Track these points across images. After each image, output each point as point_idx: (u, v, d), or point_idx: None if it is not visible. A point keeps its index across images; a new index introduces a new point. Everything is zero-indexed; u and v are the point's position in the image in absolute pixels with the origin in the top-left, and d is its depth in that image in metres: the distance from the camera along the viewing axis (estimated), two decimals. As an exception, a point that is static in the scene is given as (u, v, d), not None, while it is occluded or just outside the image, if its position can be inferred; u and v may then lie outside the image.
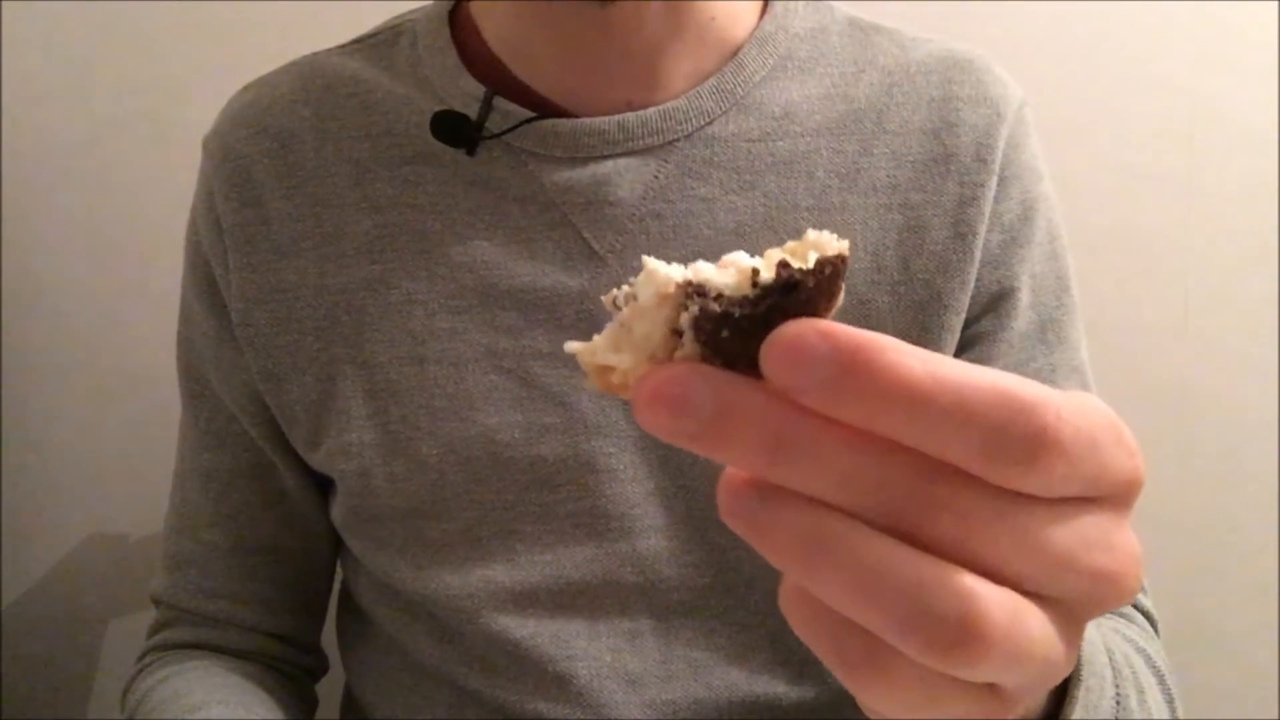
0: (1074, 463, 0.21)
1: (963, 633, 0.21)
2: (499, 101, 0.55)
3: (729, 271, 0.23)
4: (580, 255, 0.55)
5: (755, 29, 0.57)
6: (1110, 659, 0.41)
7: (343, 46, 0.61)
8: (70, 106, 0.94)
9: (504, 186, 0.55)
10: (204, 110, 0.69)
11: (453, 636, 0.57)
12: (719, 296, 0.22)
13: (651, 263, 0.24)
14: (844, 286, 0.23)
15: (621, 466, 0.55)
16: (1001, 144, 0.56)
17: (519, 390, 0.54)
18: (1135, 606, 0.57)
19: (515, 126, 0.54)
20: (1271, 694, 1.00)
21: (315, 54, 0.61)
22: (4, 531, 0.99)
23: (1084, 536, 0.22)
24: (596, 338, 0.25)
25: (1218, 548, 0.99)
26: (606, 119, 0.54)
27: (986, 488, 0.22)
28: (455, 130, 0.55)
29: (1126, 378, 0.93)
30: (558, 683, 0.55)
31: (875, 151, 0.56)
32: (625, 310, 0.24)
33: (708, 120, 0.55)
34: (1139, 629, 0.55)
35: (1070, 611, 0.23)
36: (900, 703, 0.23)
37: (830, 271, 0.22)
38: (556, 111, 0.55)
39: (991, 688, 0.23)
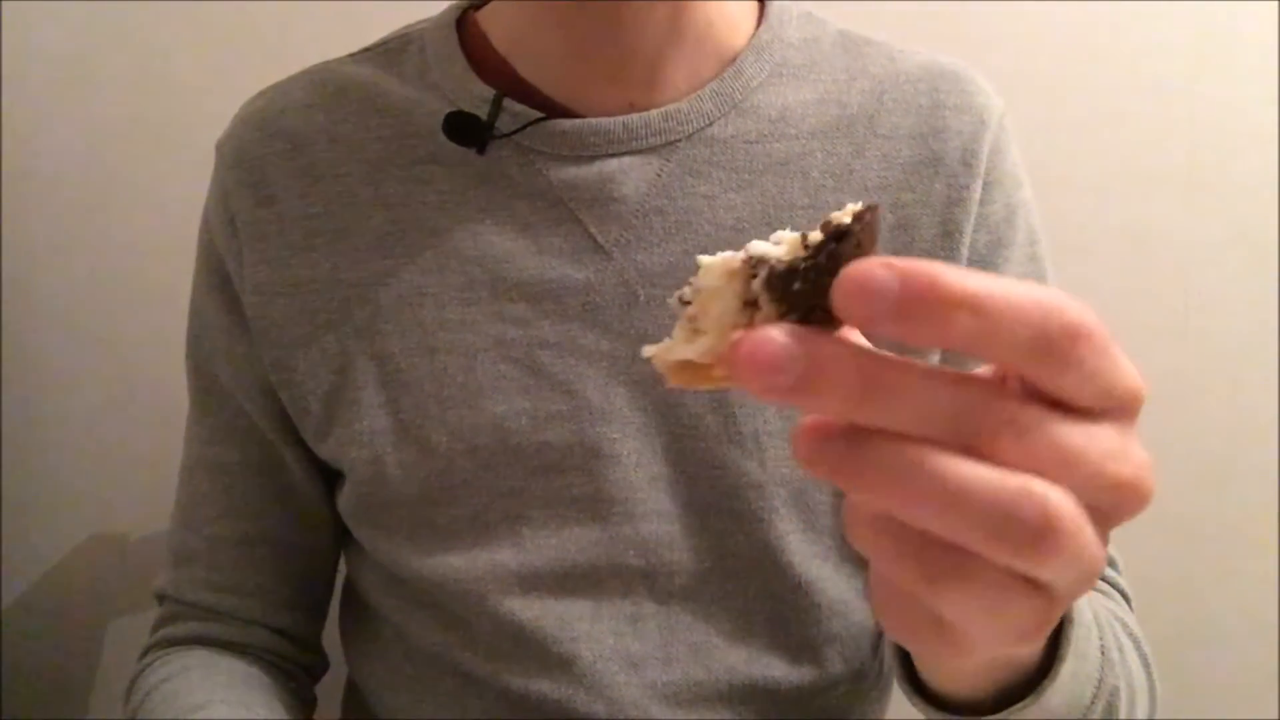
0: (1099, 354, 0.25)
1: (1043, 532, 0.24)
2: (508, 103, 0.57)
3: (781, 244, 0.26)
4: (586, 249, 0.56)
5: (752, 38, 0.59)
6: (1095, 617, 0.45)
7: (352, 55, 0.63)
8: (70, 106, 0.94)
9: (513, 184, 0.57)
10: (204, 110, 0.70)
11: (458, 622, 0.58)
12: (780, 261, 0.25)
13: (706, 259, 0.26)
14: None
15: (626, 452, 0.56)
16: (986, 150, 0.59)
17: (526, 379, 0.56)
18: (1111, 584, 0.59)
19: (524, 126, 0.56)
20: (1271, 694, 1.00)
21: (326, 62, 0.63)
22: (4, 531, 0.99)
23: (1107, 448, 0.25)
24: (666, 340, 0.27)
25: (1218, 548, 0.99)
26: (611, 119, 0.56)
27: (1036, 404, 0.25)
28: (466, 130, 0.57)
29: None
30: (561, 664, 0.57)
31: (867, 154, 0.58)
32: (693, 303, 0.27)
33: (708, 122, 0.57)
34: (1116, 602, 0.57)
35: (1101, 519, 0.26)
36: (979, 606, 0.26)
37: (869, 219, 0.25)
38: (563, 112, 0.57)
39: (1046, 591, 0.26)
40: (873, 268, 0.23)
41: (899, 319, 0.23)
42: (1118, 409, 0.26)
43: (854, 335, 0.27)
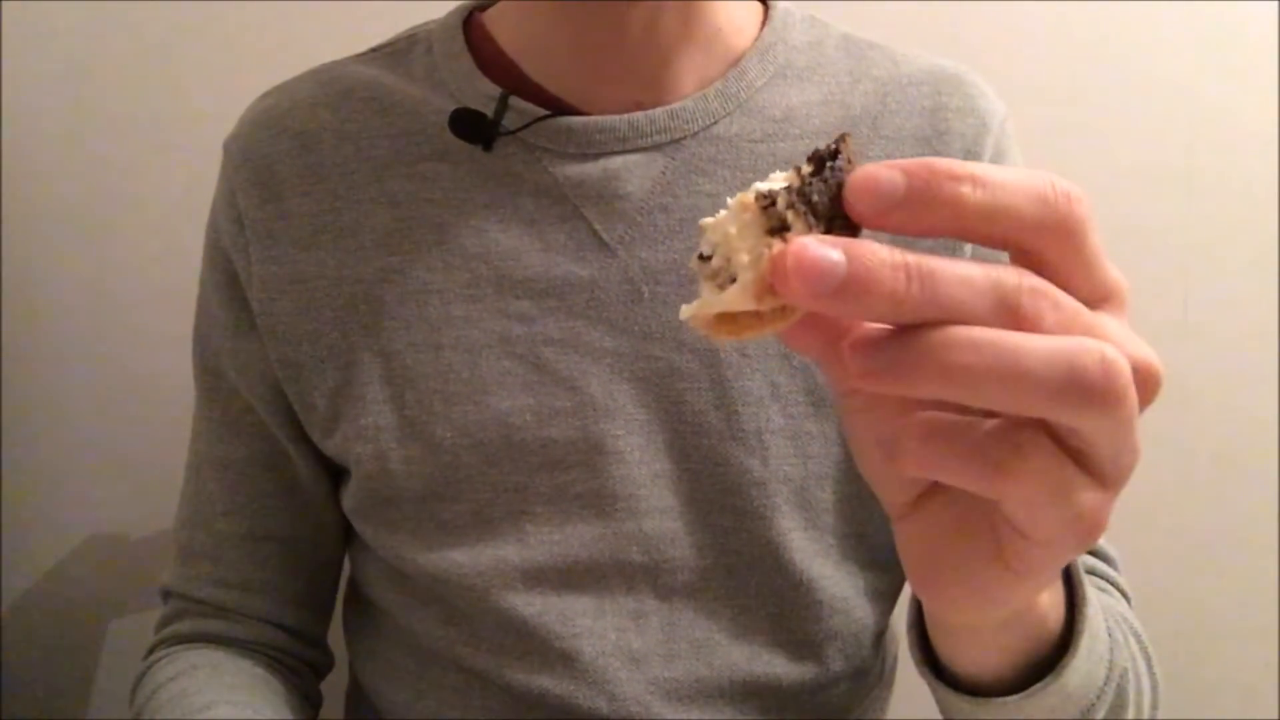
0: (1092, 223, 0.26)
1: (1109, 376, 0.25)
2: (514, 101, 0.57)
3: (777, 180, 0.27)
4: (591, 246, 0.57)
5: (756, 39, 0.60)
6: (1110, 630, 0.45)
7: (359, 55, 0.63)
8: (70, 106, 0.94)
9: (518, 181, 0.57)
10: (205, 112, 0.70)
11: (461, 618, 0.59)
12: (793, 184, 0.27)
13: (708, 220, 0.28)
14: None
15: (629, 449, 0.56)
16: (988, 153, 0.59)
17: (530, 375, 0.56)
18: (1111, 582, 0.59)
19: (530, 123, 0.57)
20: (1271, 694, 1.00)
21: (333, 62, 0.63)
22: (4, 531, 0.99)
23: (1119, 330, 0.27)
24: (698, 300, 0.28)
25: (1218, 548, 0.99)
26: (617, 117, 0.57)
27: (1058, 285, 0.26)
28: (473, 127, 0.57)
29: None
30: (563, 660, 0.57)
31: (870, 155, 0.58)
32: (715, 255, 0.27)
33: (713, 121, 0.57)
34: (1116, 599, 0.58)
35: None
36: (1045, 487, 0.26)
37: (849, 144, 0.27)
38: (569, 110, 0.57)
39: (1099, 476, 0.27)
40: (876, 168, 0.25)
41: (911, 206, 0.25)
42: (1113, 299, 0.28)
43: None
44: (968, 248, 0.55)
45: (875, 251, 0.24)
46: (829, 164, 0.27)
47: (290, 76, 0.63)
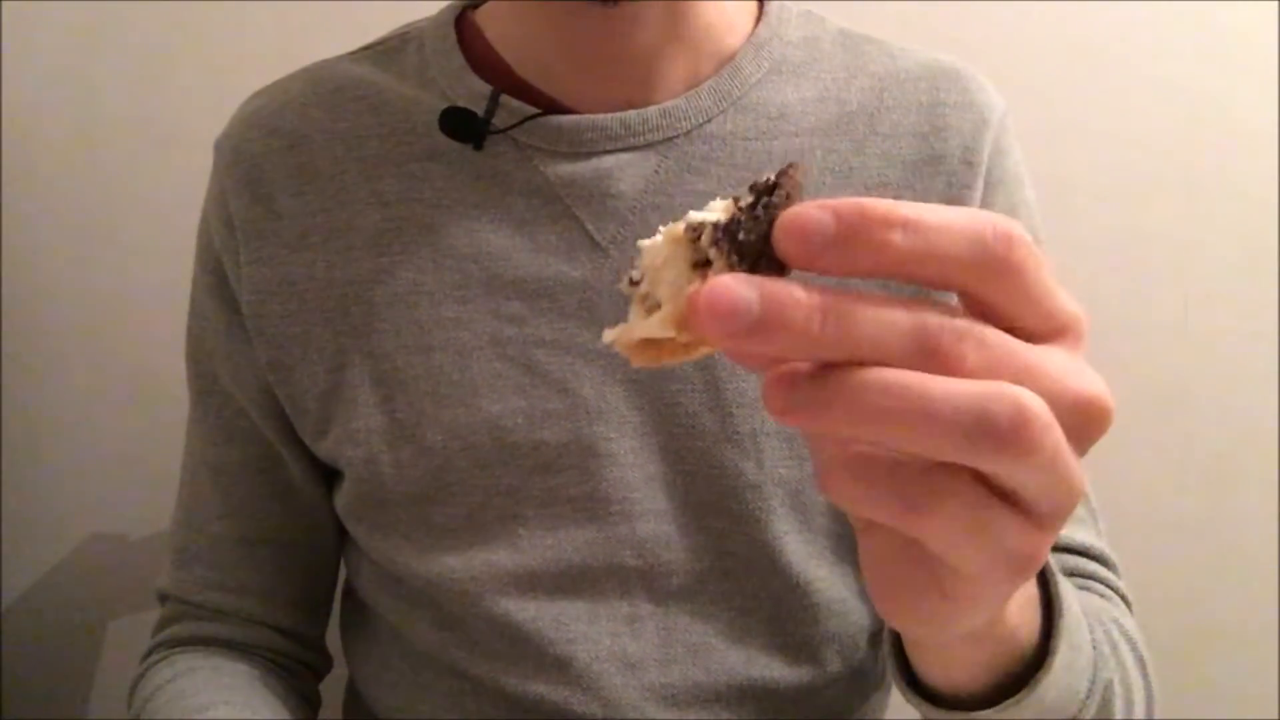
0: (1036, 263, 0.26)
1: (1017, 427, 0.24)
2: (504, 99, 0.57)
3: (714, 209, 0.27)
4: (582, 246, 0.56)
5: (750, 35, 0.59)
6: (1084, 610, 0.45)
7: (351, 54, 0.63)
8: (70, 106, 0.94)
9: (509, 180, 0.57)
10: (204, 110, 0.70)
11: (454, 622, 0.58)
12: (722, 219, 0.27)
13: (646, 241, 0.28)
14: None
15: (622, 451, 0.56)
16: (987, 149, 0.58)
17: (522, 377, 0.56)
18: (1111, 588, 0.58)
19: (521, 122, 0.56)
20: (1271, 694, 1.00)
21: (324, 61, 0.63)
22: (4, 531, 0.99)
23: (1063, 365, 0.26)
24: (622, 325, 0.28)
25: (1218, 548, 0.99)
26: (609, 115, 0.56)
27: (978, 315, 0.26)
28: (463, 126, 0.56)
29: (1126, 378, 0.93)
30: (557, 666, 0.57)
31: (867, 151, 0.58)
32: (644, 281, 0.28)
33: (706, 119, 0.57)
34: (1114, 604, 0.57)
35: (1071, 438, 0.26)
36: (962, 527, 0.26)
37: (793, 175, 0.26)
38: (560, 109, 0.57)
39: (1030, 514, 0.27)
40: (807, 207, 0.25)
41: (840, 249, 0.24)
42: (1065, 333, 0.27)
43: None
44: None
45: (790, 293, 0.24)
46: (764, 199, 0.26)
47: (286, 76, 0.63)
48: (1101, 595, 0.57)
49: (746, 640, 0.58)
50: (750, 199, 0.26)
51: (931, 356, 0.25)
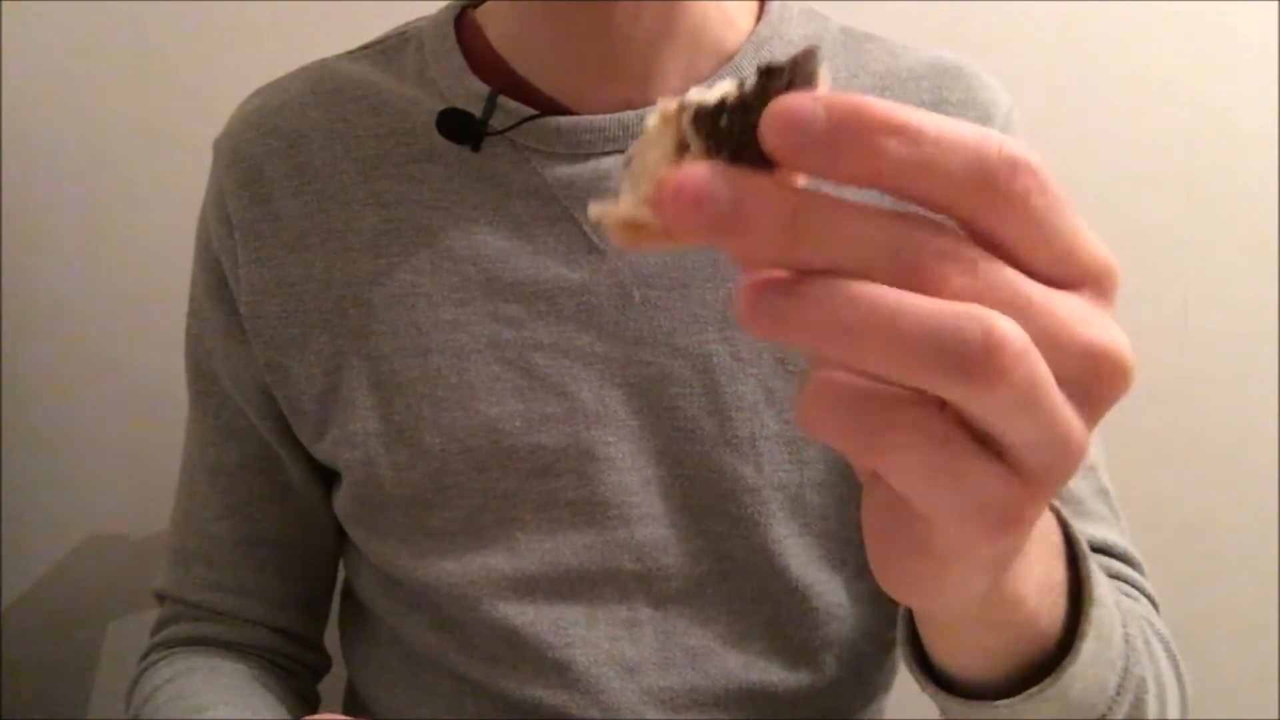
0: (1046, 197, 0.23)
1: (986, 352, 0.22)
2: (503, 100, 0.56)
3: (717, 90, 0.24)
4: (581, 249, 0.56)
5: (751, 34, 0.59)
6: (1119, 605, 0.43)
7: (350, 52, 0.63)
8: (70, 106, 0.94)
9: (507, 182, 0.56)
10: (204, 110, 0.70)
11: (453, 625, 0.58)
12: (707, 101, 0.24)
13: (650, 119, 0.25)
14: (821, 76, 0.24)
15: (620, 455, 0.56)
16: None
17: (520, 380, 0.56)
18: (1138, 589, 0.57)
19: (519, 123, 0.56)
20: (1271, 694, 1.00)
21: (324, 60, 0.62)
22: (4, 531, 0.99)
23: (1074, 310, 0.24)
24: (608, 202, 0.26)
25: (1218, 548, 0.99)
26: (607, 116, 0.56)
27: (984, 246, 0.24)
28: (460, 128, 0.56)
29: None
30: (556, 670, 0.56)
31: None
32: (634, 157, 0.25)
33: None
34: (1143, 605, 0.56)
35: (1078, 396, 0.24)
36: (922, 465, 0.24)
37: (805, 63, 0.24)
38: (559, 110, 0.57)
39: (1012, 465, 0.24)
40: (799, 98, 0.23)
41: (828, 150, 0.22)
42: (1087, 281, 0.25)
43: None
44: None
45: (763, 189, 0.22)
46: (766, 85, 0.23)
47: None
48: (1127, 595, 0.56)
49: (745, 644, 0.57)
50: (753, 83, 0.24)
51: (911, 274, 0.23)
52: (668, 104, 0.25)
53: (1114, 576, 0.56)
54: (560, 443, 0.55)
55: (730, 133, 0.24)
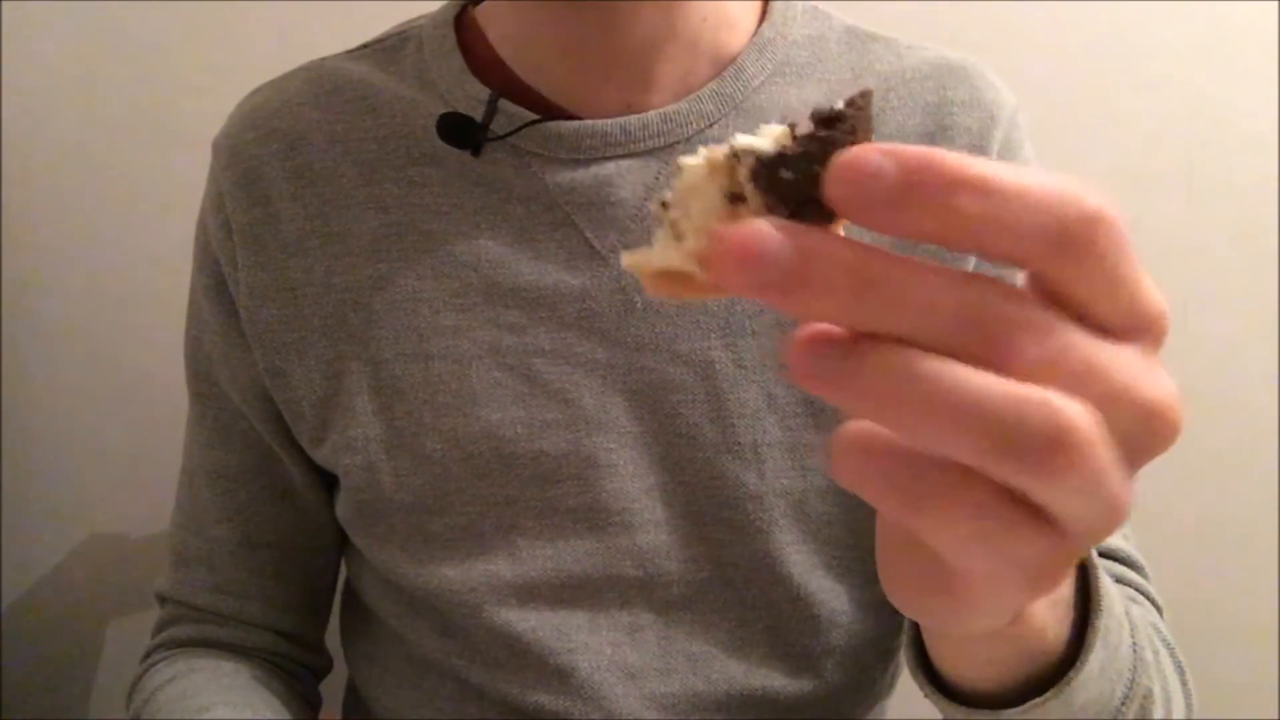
0: (1120, 251, 0.22)
1: (1053, 444, 0.21)
2: (503, 104, 0.56)
3: (767, 135, 0.23)
4: (582, 254, 0.55)
5: (754, 35, 0.58)
6: (1128, 614, 0.42)
7: (350, 52, 0.62)
8: (70, 106, 0.94)
9: (508, 187, 0.56)
10: (204, 111, 0.69)
11: (455, 630, 0.58)
12: (767, 151, 0.23)
13: (687, 159, 0.24)
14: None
15: (622, 462, 0.55)
16: (995, 147, 0.57)
17: (521, 387, 0.55)
18: (1142, 592, 0.57)
19: (519, 129, 0.55)
20: (1271, 694, 1.00)
21: (323, 59, 0.62)
22: (4, 531, 0.99)
23: (1134, 367, 0.23)
24: (644, 248, 0.25)
25: (1218, 548, 0.99)
26: (608, 121, 0.55)
27: (1055, 310, 0.23)
28: (461, 132, 0.56)
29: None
30: (558, 676, 0.56)
31: None
32: (675, 205, 0.24)
33: (708, 124, 0.56)
34: (1148, 610, 0.55)
35: (1129, 451, 0.23)
36: (971, 533, 0.23)
37: (863, 105, 0.23)
38: (560, 114, 0.56)
39: (1056, 529, 0.23)
40: (867, 150, 0.22)
41: (897, 205, 0.21)
42: (1144, 330, 0.24)
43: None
44: None
45: (829, 249, 0.21)
46: (823, 133, 0.22)
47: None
48: (1131, 600, 0.55)
49: (746, 650, 0.57)
50: (808, 130, 0.23)
51: (981, 345, 0.22)
52: (714, 151, 0.24)
53: (1119, 581, 0.56)
54: (562, 449, 0.55)
55: (794, 185, 0.23)
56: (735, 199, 0.23)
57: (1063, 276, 0.23)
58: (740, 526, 0.56)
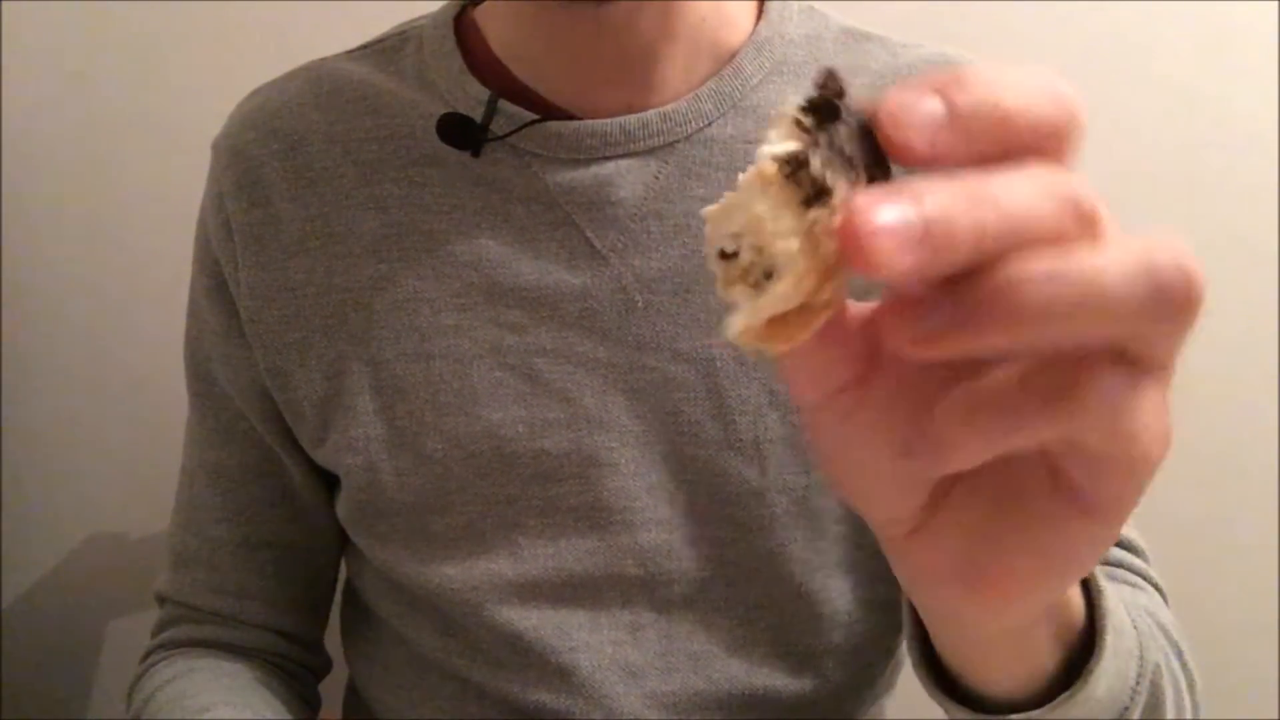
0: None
1: (1188, 282, 0.21)
2: (503, 104, 0.56)
3: (780, 129, 0.23)
4: (583, 254, 0.55)
5: (751, 34, 0.58)
6: (1134, 622, 0.42)
7: (350, 52, 0.62)
8: (70, 106, 0.94)
9: (508, 187, 0.56)
10: (204, 111, 0.69)
11: (456, 629, 0.58)
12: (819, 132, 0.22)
13: (711, 208, 0.23)
14: None
15: (623, 461, 0.55)
16: None
17: (523, 386, 0.55)
18: (1142, 576, 0.56)
19: (519, 129, 0.55)
20: (1272, 694, 1.00)
21: (323, 59, 0.62)
22: (4, 531, 0.99)
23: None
24: (735, 316, 0.23)
25: (1218, 547, 0.99)
26: (608, 121, 0.55)
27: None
28: (461, 132, 0.56)
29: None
30: (560, 674, 0.56)
31: None
32: (742, 247, 0.23)
33: (706, 122, 0.56)
34: (1148, 595, 0.55)
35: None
36: (1116, 404, 0.23)
37: (836, 78, 0.23)
38: (559, 114, 0.56)
39: (1159, 375, 0.23)
40: (901, 91, 0.22)
41: (961, 119, 0.22)
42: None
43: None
44: None
45: (941, 189, 0.21)
46: (840, 106, 0.22)
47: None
48: (1131, 584, 0.55)
49: (749, 649, 0.57)
50: (814, 118, 0.22)
51: (1088, 224, 0.22)
52: (762, 170, 0.22)
53: (1117, 564, 0.56)
54: (563, 448, 0.55)
55: (856, 158, 0.22)
56: (812, 201, 0.22)
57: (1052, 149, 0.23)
58: (742, 523, 0.56)
